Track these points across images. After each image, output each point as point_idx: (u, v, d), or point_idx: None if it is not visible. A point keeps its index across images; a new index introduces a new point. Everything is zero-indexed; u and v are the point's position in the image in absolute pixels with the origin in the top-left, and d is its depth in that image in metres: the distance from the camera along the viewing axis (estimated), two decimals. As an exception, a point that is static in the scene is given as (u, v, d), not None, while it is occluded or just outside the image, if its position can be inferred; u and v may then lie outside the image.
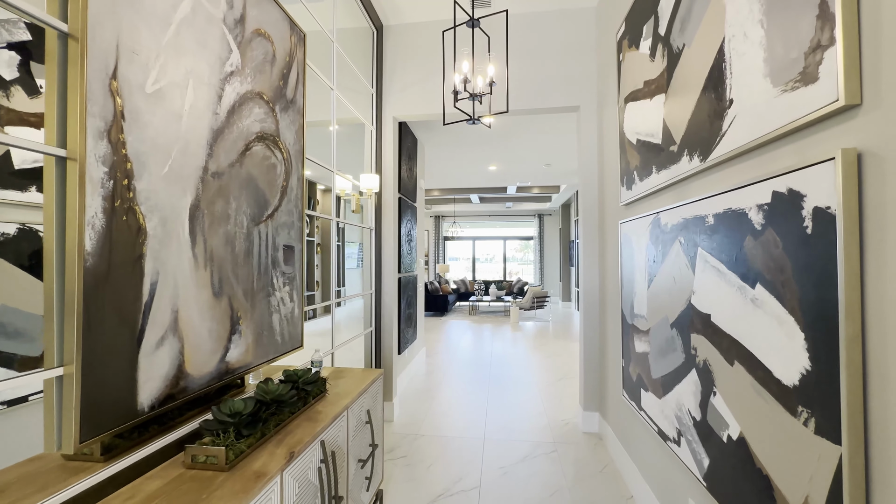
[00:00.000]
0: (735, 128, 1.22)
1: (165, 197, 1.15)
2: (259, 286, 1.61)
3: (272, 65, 1.69)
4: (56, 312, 0.91)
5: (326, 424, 1.42)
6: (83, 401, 0.93)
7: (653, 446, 1.94)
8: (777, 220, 1.03)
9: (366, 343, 3.17)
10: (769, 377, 1.06)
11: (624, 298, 2.32)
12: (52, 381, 0.91)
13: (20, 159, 0.98)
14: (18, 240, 0.95)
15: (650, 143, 1.89)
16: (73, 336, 0.91)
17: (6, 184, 0.92)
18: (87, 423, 0.94)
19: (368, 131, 3.13)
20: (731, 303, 1.24)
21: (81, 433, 0.93)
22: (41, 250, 0.93)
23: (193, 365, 1.26)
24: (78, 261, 0.91)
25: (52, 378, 0.91)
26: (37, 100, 0.98)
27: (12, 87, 0.93)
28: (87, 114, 0.93)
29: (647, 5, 1.94)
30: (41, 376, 0.88)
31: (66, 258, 0.91)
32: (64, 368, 0.91)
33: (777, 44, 1.03)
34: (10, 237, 0.93)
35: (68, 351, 0.91)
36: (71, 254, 0.91)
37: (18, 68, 0.96)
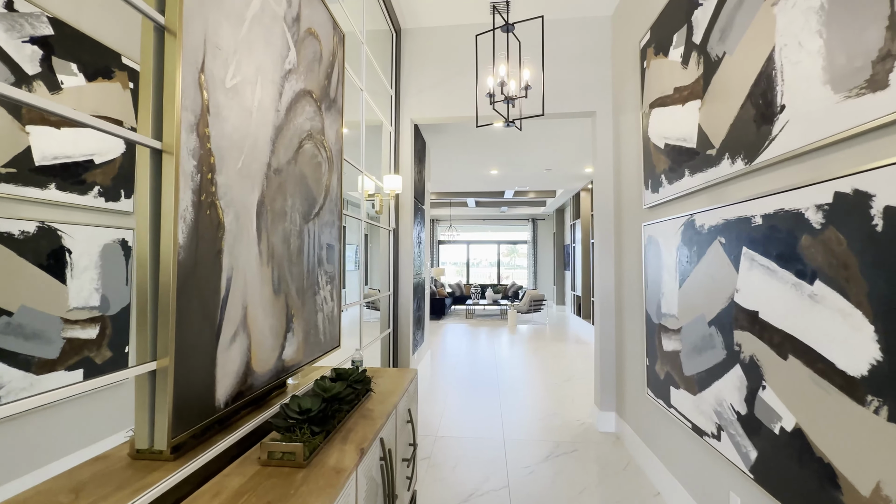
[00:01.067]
0: (787, 132, 1.28)
1: (238, 192, 1.15)
2: (308, 284, 1.60)
3: (319, 64, 1.69)
4: (149, 305, 0.90)
5: (383, 422, 1.42)
6: (175, 396, 0.92)
7: (684, 442, 1.99)
8: (840, 219, 1.09)
9: (382, 345, 3.16)
10: (832, 369, 1.11)
11: (648, 299, 2.37)
12: (144, 378, 0.90)
13: (41, 155, 0.95)
14: (38, 238, 0.90)
15: (682, 147, 1.95)
16: (167, 330, 0.90)
17: (27, 181, 0.87)
18: (176, 420, 0.93)
19: (387, 133, 3.14)
20: (783, 299, 1.29)
21: (172, 429, 0.92)
22: (61, 249, 0.90)
23: (258, 362, 1.25)
24: (173, 253, 0.90)
25: (145, 374, 0.90)
26: (58, 96, 0.95)
27: (34, 83, 0.88)
28: (182, 107, 0.93)
29: (677, 15, 2.01)
30: (134, 371, 0.87)
31: (161, 251, 0.90)
32: (157, 363, 0.90)
33: (838, 53, 1.09)
34: (30, 235, 0.89)
35: (161, 346, 0.90)
36: (166, 247, 0.90)
37: (41, 63, 0.90)
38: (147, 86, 0.91)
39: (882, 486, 0.98)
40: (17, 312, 0.84)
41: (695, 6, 1.84)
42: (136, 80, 0.95)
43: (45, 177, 0.92)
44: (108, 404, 0.98)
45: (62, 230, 0.92)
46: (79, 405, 0.91)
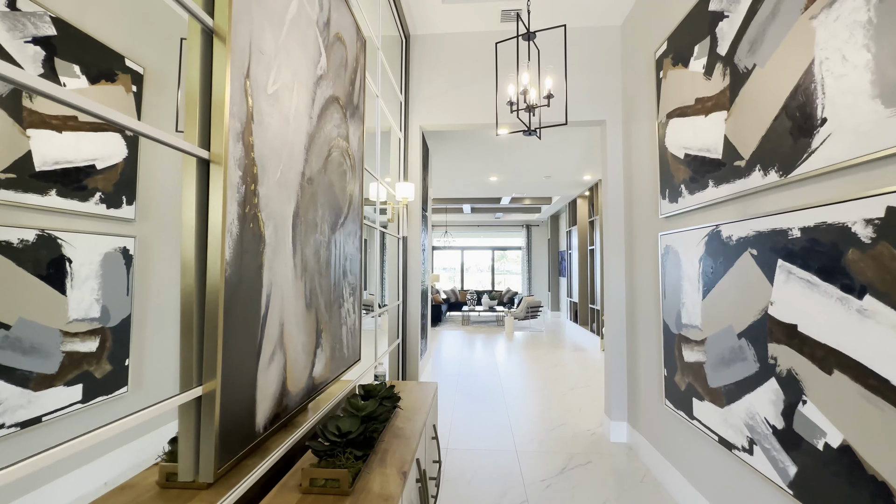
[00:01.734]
0: (830, 145, 1.27)
1: (277, 203, 1.09)
2: (334, 297, 1.54)
3: (345, 70, 1.65)
4: (195, 326, 0.84)
5: (417, 442, 1.37)
6: (221, 423, 0.85)
7: (710, 455, 1.96)
8: (893, 233, 1.08)
9: (391, 356, 3.09)
10: (885, 385, 1.10)
11: (666, 309, 2.36)
12: (189, 404, 0.84)
13: (42, 160, 0.89)
14: (37, 247, 0.84)
15: (705, 158, 1.95)
16: (214, 352, 0.84)
17: (26, 186, 0.81)
18: (222, 448, 0.87)
19: (396, 139, 3.10)
20: (827, 313, 1.28)
21: (218, 459, 0.85)
22: (61, 259, 0.84)
23: (292, 381, 1.19)
24: (221, 270, 0.84)
25: (190, 400, 0.83)
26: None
27: (36, 85, 0.84)
28: (230, 113, 0.87)
29: (699, 26, 2.02)
30: (180, 399, 0.81)
31: (209, 267, 0.85)
32: (203, 388, 0.84)
33: (890, 67, 1.09)
34: (29, 244, 0.82)
35: (208, 369, 0.84)
36: (214, 262, 0.84)
37: (43, 64, 0.84)
38: (193, 91, 0.85)
39: (948, 507, 0.96)
40: (15, 325, 0.78)
41: (719, 18, 1.85)
42: (140, 83, 0.89)
43: (45, 182, 0.86)
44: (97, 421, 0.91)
45: (62, 238, 0.86)
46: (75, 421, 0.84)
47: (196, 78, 0.85)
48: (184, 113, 0.85)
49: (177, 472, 0.90)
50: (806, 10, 1.36)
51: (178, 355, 0.84)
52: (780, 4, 1.48)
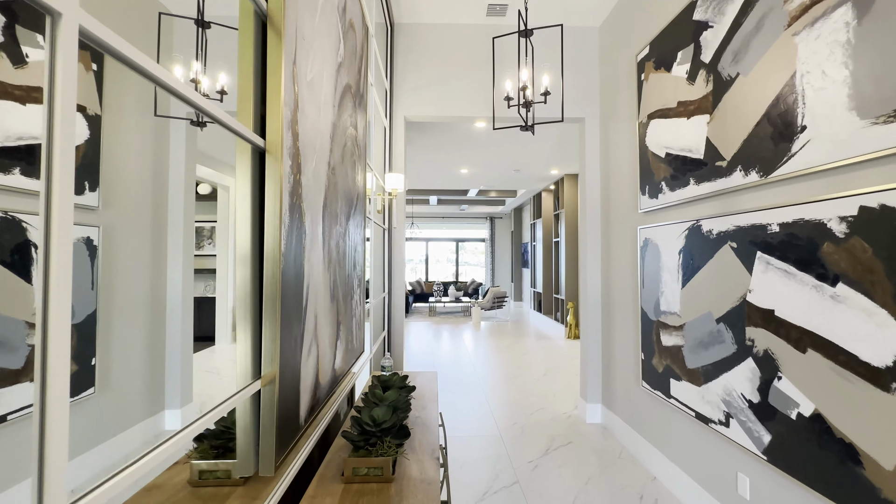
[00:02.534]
0: (808, 150, 1.43)
1: (313, 194, 1.08)
2: (348, 288, 1.53)
3: (356, 57, 1.62)
4: (250, 319, 0.82)
5: (437, 429, 1.40)
6: (279, 415, 0.85)
7: (686, 429, 2.16)
8: (865, 229, 1.24)
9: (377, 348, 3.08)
10: (854, 361, 1.27)
11: (645, 297, 2.54)
12: (247, 400, 0.82)
13: (4, 135, 0.84)
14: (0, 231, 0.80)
15: (687, 158, 2.11)
16: (274, 345, 0.83)
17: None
18: (279, 442, 0.86)
19: (382, 129, 3.06)
20: (803, 299, 1.45)
21: (276, 452, 0.85)
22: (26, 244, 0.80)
23: (322, 373, 1.18)
24: (279, 261, 0.83)
25: (247, 396, 0.82)
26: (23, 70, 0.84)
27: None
28: (284, 102, 0.85)
29: (683, 34, 2.16)
30: (244, 395, 0.79)
31: (266, 258, 0.83)
32: (261, 381, 0.83)
33: (865, 84, 1.24)
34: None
35: (266, 361, 0.83)
36: (272, 253, 0.83)
37: (3, 32, 0.79)
38: (247, 77, 0.82)
39: (906, 461, 1.14)
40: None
41: (704, 28, 1.99)
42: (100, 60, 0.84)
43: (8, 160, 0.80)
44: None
45: (28, 221, 0.81)
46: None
47: (250, 64, 0.82)
48: (240, 100, 0.82)
49: (212, 470, 0.88)
50: (789, 26, 1.51)
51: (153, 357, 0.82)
52: (764, 20, 1.63)
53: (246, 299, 0.81)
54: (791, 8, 1.50)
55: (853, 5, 1.28)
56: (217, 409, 0.73)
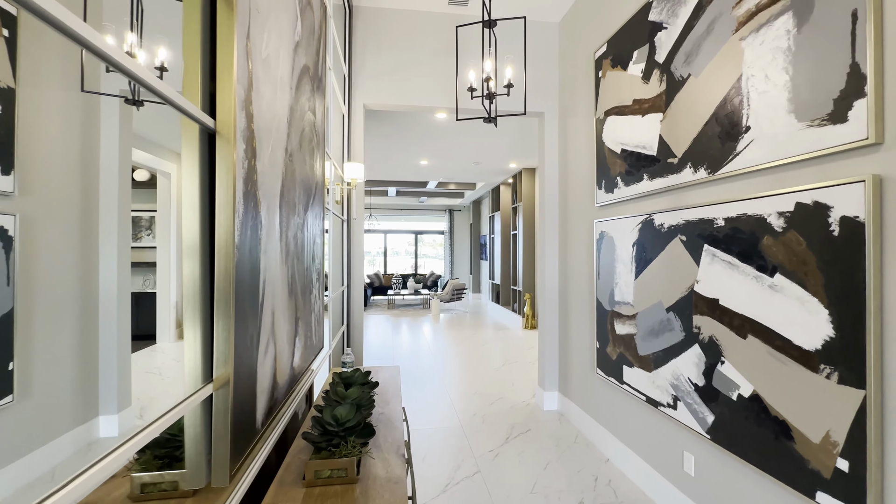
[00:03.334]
0: (752, 149, 1.53)
1: (269, 182, 1.00)
2: (306, 282, 1.46)
3: (314, 37, 1.53)
4: (200, 317, 0.75)
5: (401, 425, 1.38)
6: (234, 420, 0.78)
7: (637, 413, 2.27)
8: (800, 224, 1.35)
9: (335, 343, 2.99)
10: (789, 345, 1.38)
11: (600, 288, 2.64)
12: (197, 406, 0.75)
13: None
14: None
15: (642, 154, 2.20)
16: (227, 345, 0.76)
17: None
18: (234, 448, 0.80)
19: (340, 116, 2.94)
20: (744, 289, 1.55)
21: (231, 460, 0.78)
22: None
23: (280, 373, 1.12)
24: (232, 254, 0.76)
25: (198, 402, 0.75)
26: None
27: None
28: (237, 78, 0.78)
29: (639, 32, 2.23)
30: (195, 399, 0.72)
31: (217, 251, 0.76)
32: (213, 385, 0.76)
33: (803, 89, 1.34)
34: None
35: (219, 363, 0.76)
36: (224, 246, 0.76)
37: None
38: (194, 49, 0.74)
39: (831, 434, 1.25)
40: None
41: (658, 28, 2.07)
42: (13, 26, 0.75)
43: None
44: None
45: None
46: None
47: (197, 34, 0.74)
48: (186, 76, 0.73)
49: (157, 482, 0.81)
50: (736, 31, 1.60)
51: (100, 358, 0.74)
52: (714, 24, 1.71)
53: (195, 296, 0.74)
54: (739, 13, 1.58)
55: (794, 14, 1.37)
56: (164, 417, 0.65)
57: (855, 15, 1.19)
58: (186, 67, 0.74)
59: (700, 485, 1.81)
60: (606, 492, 2.20)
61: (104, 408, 0.70)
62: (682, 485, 1.93)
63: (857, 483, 1.18)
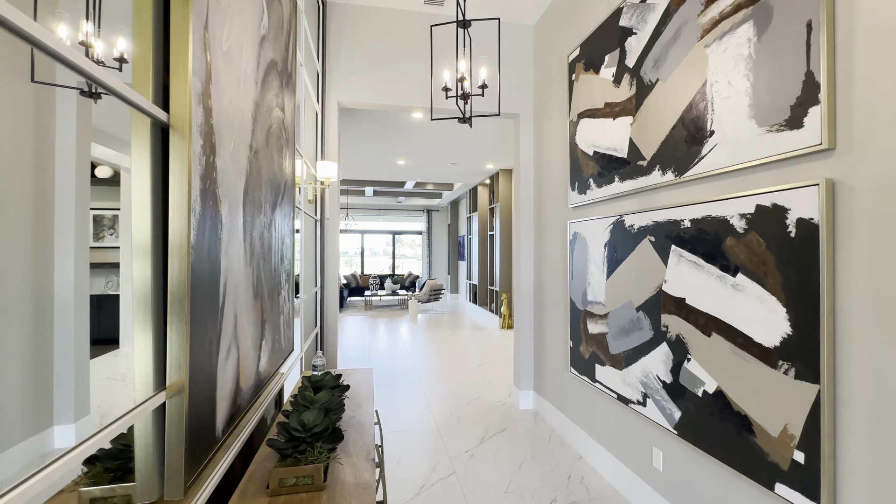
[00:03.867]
0: (716, 153, 1.57)
1: (231, 179, 0.96)
2: (274, 283, 1.42)
3: (282, 32, 1.49)
4: (152, 322, 0.71)
5: (373, 429, 1.35)
6: (189, 430, 0.75)
7: (608, 411, 2.31)
8: (760, 225, 1.40)
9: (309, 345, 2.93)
10: (750, 342, 1.43)
11: (573, 288, 2.67)
12: (149, 415, 0.71)
13: None
14: None
15: (613, 156, 2.24)
16: (182, 351, 0.72)
17: None
18: (189, 460, 0.76)
19: (313, 114, 2.88)
20: (709, 288, 1.60)
21: (186, 472, 0.75)
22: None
23: (244, 378, 1.08)
24: (186, 255, 0.73)
25: (150, 410, 0.71)
26: None
27: None
28: (192, 70, 0.74)
29: (610, 38, 2.28)
30: (147, 407, 0.69)
31: (170, 252, 0.72)
32: (167, 392, 0.72)
33: (763, 95, 1.39)
34: None
35: (173, 371, 0.72)
36: (179, 247, 0.72)
37: None
38: (145, 38, 0.70)
39: (788, 428, 1.30)
40: None
41: (629, 34, 2.11)
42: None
43: None
44: None
45: None
46: None
47: (148, 22, 0.70)
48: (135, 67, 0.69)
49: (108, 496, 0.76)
50: (701, 38, 1.65)
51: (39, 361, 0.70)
52: (680, 31, 1.76)
53: (145, 299, 0.70)
54: (704, 21, 1.63)
55: (754, 23, 1.42)
56: (108, 429, 0.61)
57: (810, 25, 1.24)
58: (137, 58, 0.70)
59: (668, 479, 1.86)
60: (579, 489, 2.23)
61: (59, 417, 0.66)
62: (651, 480, 1.97)
63: (813, 474, 1.23)
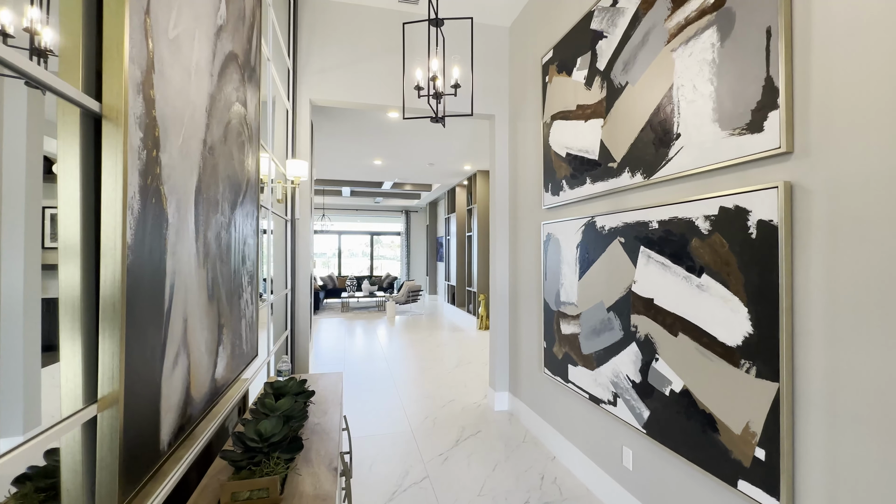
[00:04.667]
0: (682, 155, 1.60)
1: (180, 176, 0.91)
2: (234, 286, 1.36)
3: (243, 24, 1.43)
4: (82, 328, 0.65)
5: (339, 435, 1.31)
6: (125, 446, 0.69)
7: (581, 411, 2.33)
8: (723, 227, 1.42)
9: (279, 348, 2.84)
10: (714, 342, 1.46)
11: (547, 289, 2.68)
12: (77, 430, 0.65)
13: None
14: None
15: (585, 158, 2.26)
16: (116, 360, 0.67)
17: None
18: (125, 478, 0.70)
19: (284, 111, 2.80)
20: (675, 289, 1.63)
21: (122, 492, 0.69)
22: None
23: (196, 386, 1.02)
24: (122, 257, 0.67)
25: (78, 425, 0.65)
26: None
27: None
28: (129, 57, 0.69)
29: (582, 40, 2.30)
30: (71, 423, 0.63)
31: (103, 253, 0.67)
32: (98, 406, 0.67)
33: (726, 99, 1.42)
34: None
35: (105, 381, 0.67)
36: (112, 248, 0.67)
37: None
38: (74, 21, 0.64)
39: (750, 426, 1.33)
40: None
41: (599, 37, 2.13)
42: None
43: None
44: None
45: None
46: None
47: (78, 8, 0.64)
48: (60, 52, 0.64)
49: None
50: (668, 43, 1.67)
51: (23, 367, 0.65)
52: (648, 35, 1.78)
53: (74, 304, 0.64)
54: (670, 26, 1.66)
55: (718, 29, 1.45)
56: (24, 446, 0.56)
57: (769, 31, 1.27)
58: (65, 44, 0.64)
59: (638, 478, 1.88)
60: (552, 489, 2.23)
61: (6, 429, 0.60)
62: (621, 479, 1.99)
63: (773, 471, 1.26)
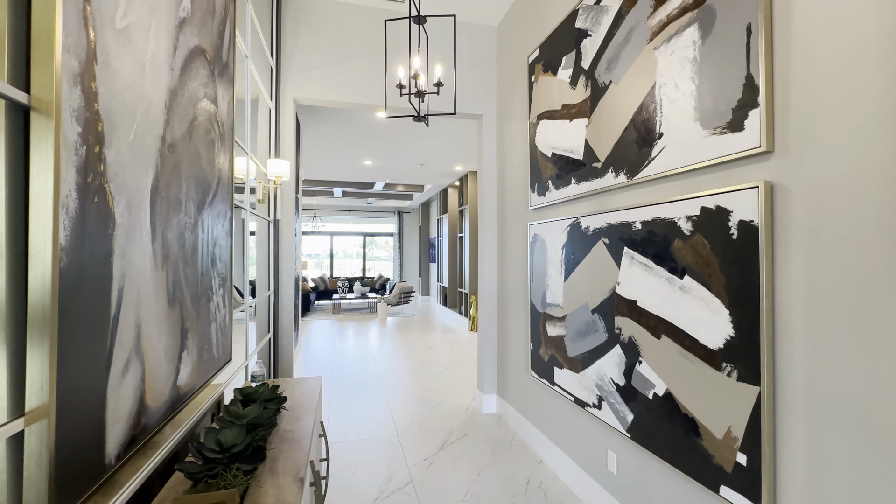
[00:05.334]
0: (665, 155, 1.58)
1: (131, 173, 0.86)
2: (202, 290, 1.31)
3: (213, 18, 1.38)
4: (9, 336, 0.61)
5: (310, 443, 1.26)
6: (57, 461, 0.65)
7: (566, 414, 2.30)
8: (705, 228, 1.40)
9: (260, 353, 2.78)
10: (696, 344, 1.43)
11: (533, 291, 2.65)
12: (1, 445, 0.61)
13: None
14: None
15: (570, 158, 2.23)
16: (47, 369, 0.62)
17: None
18: (60, 494, 0.66)
19: (266, 109, 2.75)
20: (658, 290, 1.60)
21: (54, 509, 0.64)
22: None
23: (152, 395, 0.97)
24: (53, 259, 0.63)
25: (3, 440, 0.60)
26: None
27: None
28: (62, 46, 0.64)
29: (567, 40, 2.27)
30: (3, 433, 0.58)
31: (32, 255, 0.62)
32: (25, 419, 0.62)
33: (707, 98, 1.39)
34: None
35: (34, 393, 0.62)
36: (42, 249, 0.62)
37: None
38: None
39: (731, 430, 1.30)
40: None
41: (584, 35, 2.11)
42: None
43: None
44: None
45: None
46: None
47: (2, -14, 0.60)
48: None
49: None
50: (651, 41, 1.65)
51: (-19, 379, 0.60)
52: (631, 33, 1.76)
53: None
54: (653, 24, 1.64)
55: (699, 27, 1.43)
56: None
57: (749, 29, 1.25)
58: (-12, 28, 0.59)
59: (621, 482, 1.85)
60: (537, 494, 2.20)
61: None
62: (606, 483, 1.96)
63: (754, 476, 1.23)
